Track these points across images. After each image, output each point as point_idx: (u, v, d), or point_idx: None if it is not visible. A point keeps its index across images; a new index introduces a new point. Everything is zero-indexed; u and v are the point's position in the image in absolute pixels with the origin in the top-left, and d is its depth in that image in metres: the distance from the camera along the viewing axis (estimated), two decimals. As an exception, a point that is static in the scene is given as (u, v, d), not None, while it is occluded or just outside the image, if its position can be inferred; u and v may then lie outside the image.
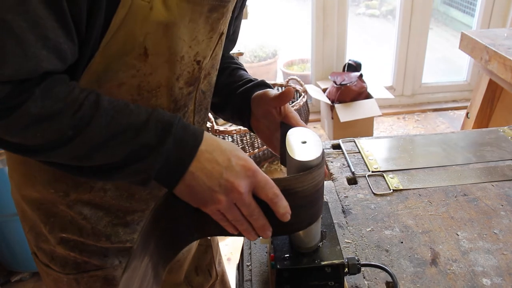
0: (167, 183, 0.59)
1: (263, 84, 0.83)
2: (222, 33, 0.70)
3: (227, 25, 0.74)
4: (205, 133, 0.60)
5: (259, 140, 2.47)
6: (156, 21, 0.57)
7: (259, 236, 0.62)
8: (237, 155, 0.59)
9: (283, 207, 0.59)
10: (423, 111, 3.24)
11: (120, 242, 0.79)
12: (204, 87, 0.75)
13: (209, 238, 1.02)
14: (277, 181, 0.59)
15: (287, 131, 0.73)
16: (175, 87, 0.67)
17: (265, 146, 2.49)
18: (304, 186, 0.60)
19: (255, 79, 0.86)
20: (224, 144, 0.60)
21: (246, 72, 0.90)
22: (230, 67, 0.88)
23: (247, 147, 2.46)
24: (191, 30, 0.62)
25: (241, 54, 2.05)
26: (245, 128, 2.48)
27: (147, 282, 0.58)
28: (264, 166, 2.63)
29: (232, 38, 0.88)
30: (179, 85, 0.67)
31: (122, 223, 0.78)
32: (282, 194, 0.59)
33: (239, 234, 0.63)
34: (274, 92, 0.78)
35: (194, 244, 0.95)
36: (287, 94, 0.74)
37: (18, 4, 0.48)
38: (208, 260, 1.02)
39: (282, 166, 2.60)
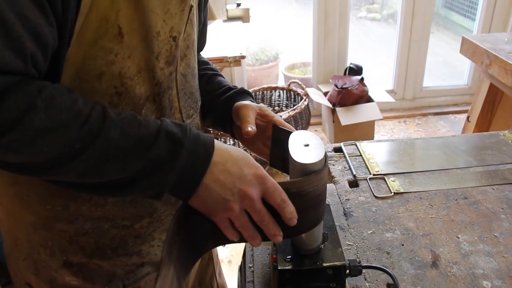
0: (181, 196, 0.59)
1: (243, 92, 0.84)
2: (192, 6, 0.69)
3: (196, 2, 0.72)
4: (216, 142, 0.60)
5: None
6: None
7: (267, 240, 0.63)
8: (249, 164, 0.60)
9: (290, 213, 0.60)
10: (424, 115, 3.25)
11: (127, 255, 0.77)
12: (182, 69, 0.73)
13: (210, 251, 1.01)
14: (290, 184, 0.60)
15: (280, 135, 0.75)
16: (156, 68, 0.65)
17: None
18: (315, 186, 0.61)
19: (234, 86, 0.86)
20: (235, 153, 0.60)
21: (223, 78, 0.91)
22: (207, 74, 0.88)
23: (247, 151, 2.47)
24: (162, 1, 0.61)
25: (243, 57, 2.05)
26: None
27: None
28: (265, 169, 2.63)
29: (202, 30, 0.87)
30: (160, 65, 0.66)
31: (132, 233, 0.76)
32: (295, 196, 0.60)
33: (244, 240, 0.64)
34: (250, 108, 0.78)
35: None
36: (247, 134, 0.75)
37: None
38: (210, 273, 1.02)
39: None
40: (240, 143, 0.88)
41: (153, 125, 0.56)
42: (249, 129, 0.75)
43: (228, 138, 2.39)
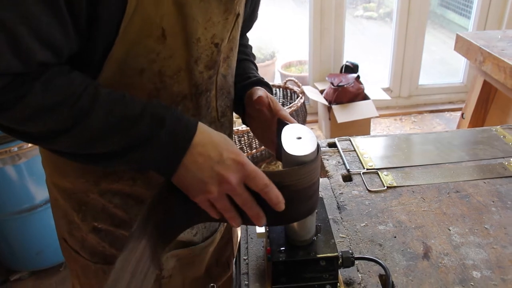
0: (163, 173, 0.62)
1: (261, 82, 0.84)
2: (239, 15, 0.70)
3: (243, 6, 0.74)
4: (199, 125, 0.62)
5: (257, 141, 2.49)
6: (171, 1, 0.59)
7: (244, 224, 0.65)
8: (228, 149, 0.61)
9: (275, 197, 0.60)
10: (420, 113, 3.27)
11: None
12: (224, 70, 0.76)
13: (231, 231, 1.03)
14: (267, 174, 0.61)
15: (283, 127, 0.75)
16: (195, 71, 0.68)
17: (263, 147, 2.51)
18: (297, 180, 0.61)
19: (255, 76, 0.86)
20: (217, 137, 0.62)
21: (253, 64, 0.91)
22: (237, 58, 0.88)
23: (245, 148, 2.48)
24: (204, 10, 0.63)
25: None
26: (243, 129, 2.49)
27: (143, 263, 0.60)
28: (262, 167, 2.65)
29: (250, 18, 0.89)
30: (198, 68, 0.68)
31: None
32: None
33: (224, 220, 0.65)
34: (259, 93, 0.79)
35: (217, 238, 0.96)
36: (258, 101, 0.77)
37: (12, 3, 0.50)
38: (228, 252, 1.04)
39: (280, 166, 2.62)
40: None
41: (139, 105, 0.59)
42: (260, 94, 0.77)
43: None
